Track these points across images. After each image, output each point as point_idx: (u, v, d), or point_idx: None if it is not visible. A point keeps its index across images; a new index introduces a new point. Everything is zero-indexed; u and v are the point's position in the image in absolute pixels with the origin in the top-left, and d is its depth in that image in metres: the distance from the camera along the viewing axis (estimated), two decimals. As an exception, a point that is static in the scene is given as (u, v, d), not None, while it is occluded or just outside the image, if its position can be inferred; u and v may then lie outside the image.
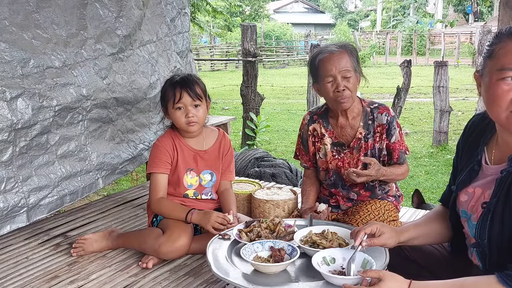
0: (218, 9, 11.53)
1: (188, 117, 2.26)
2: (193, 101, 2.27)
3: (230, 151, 2.51)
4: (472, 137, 1.53)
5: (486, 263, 1.41)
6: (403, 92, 5.94)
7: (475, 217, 1.41)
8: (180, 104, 2.26)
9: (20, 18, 2.38)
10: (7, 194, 2.26)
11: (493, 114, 1.30)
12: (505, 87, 1.22)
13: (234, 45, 24.01)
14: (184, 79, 2.30)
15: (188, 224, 2.26)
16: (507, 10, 3.34)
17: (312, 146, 2.41)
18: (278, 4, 41.66)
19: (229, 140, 2.52)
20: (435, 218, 1.67)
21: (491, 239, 1.34)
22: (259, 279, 1.67)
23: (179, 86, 2.27)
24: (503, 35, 1.26)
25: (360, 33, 28.51)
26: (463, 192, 1.50)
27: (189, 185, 2.39)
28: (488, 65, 1.29)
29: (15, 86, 2.30)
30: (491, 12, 26.69)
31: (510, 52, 1.22)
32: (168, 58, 3.49)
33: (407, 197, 4.45)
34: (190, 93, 2.26)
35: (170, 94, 2.27)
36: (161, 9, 3.45)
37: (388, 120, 2.24)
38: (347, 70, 2.14)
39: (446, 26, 18.15)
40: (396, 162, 2.27)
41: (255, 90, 6.42)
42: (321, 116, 2.37)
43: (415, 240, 1.62)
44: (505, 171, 1.32)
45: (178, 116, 2.28)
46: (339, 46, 2.19)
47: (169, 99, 2.28)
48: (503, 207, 1.31)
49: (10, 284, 2.08)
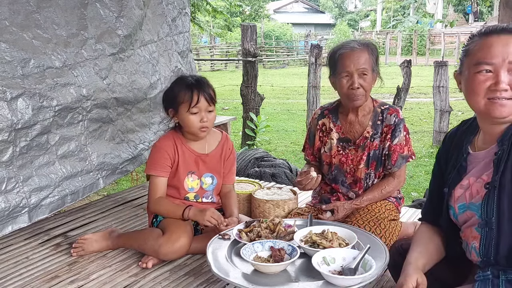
0: (218, 9, 11.50)
1: (203, 121, 2.22)
2: (208, 105, 2.23)
3: (232, 155, 2.48)
4: (454, 143, 1.62)
5: (490, 249, 1.41)
6: (403, 92, 5.94)
7: (478, 197, 1.45)
8: (197, 109, 2.20)
9: (20, 18, 2.38)
10: (8, 194, 2.26)
11: (474, 104, 1.43)
12: (481, 78, 1.39)
13: (234, 45, 24.01)
14: (200, 81, 2.24)
15: (188, 225, 2.26)
16: (507, 10, 3.35)
17: (318, 141, 2.42)
18: (278, 4, 41.65)
19: (231, 144, 2.50)
20: (429, 237, 1.66)
21: (500, 215, 1.38)
22: (259, 279, 1.67)
23: (196, 89, 2.20)
24: (475, 35, 1.45)
25: (360, 33, 28.49)
26: (457, 187, 1.53)
27: (190, 188, 2.38)
28: (465, 62, 1.46)
29: (16, 86, 2.30)
30: (491, 12, 26.68)
31: (482, 48, 1.39)
32: (169, 58, 3.49)
33: (407, 198, 4.46)
34: (207, 97, 2.21)
35: (186, 96, 2.20)
36: (162, 9, 3.45)
37: (396, 122, 2.25)
38: (364, 69, 2.15)
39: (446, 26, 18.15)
40: (394, 165, 2.28)
41: (255, 90, 6.43)
42: (332, 111, 2.39)
43: (426, 266, 1.60)
44: (500, 150, 1.40)
45: (192, 120, 2.22)
46: (361, 44, 2.21)
47: (183, 101, 2.20)
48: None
49: (10, 284, 2.08)
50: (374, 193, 2.30)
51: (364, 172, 2.30)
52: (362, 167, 2.30)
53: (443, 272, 1.61)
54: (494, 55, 1.36)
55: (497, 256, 1.39)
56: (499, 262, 1.39)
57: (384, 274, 1.97)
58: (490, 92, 1.37)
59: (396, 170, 2.30)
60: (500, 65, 1.36)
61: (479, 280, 1.38)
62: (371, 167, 2.30)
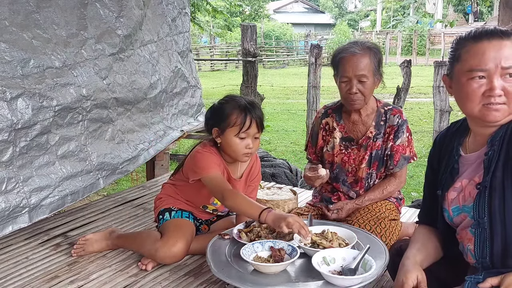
0: (218, 9, 11.51)
1: (249, 148, 2.13)
2: (257, 132, 2.14)
3: (258, 177, 2.39)
4: (445, 145, 1.63)
5: (485, 250, 1.41)
6: (403, 92, 5.93)
7: (470, 199, 1.46)
8: (245, 134, 2.11)
9: (20, 18, 2.38)
10: (8, 194, 2.26)
11: (468, 110, 1.45)
12: (475, 85, 1.39)
13: (234, 45, 24.00)
14: (253, 105, 2.14)
15: (188, 230, 2.24)
16: (507, 10, 3.35)
17: (321, 140, 2.42)
18: (278, 4, 41.65)
19: (259, 165, 2.41)
20: (427, 237, 1.66)
21: (491, 215, 1.39)
22: (259, 279, 1.67)
23: (249, 113, 2.10)
24: (464, 39, 1.44)
25: (360, 33, 28.50)
26: (451, 190, 1.54)
27: (213, 203, 2.34)
28: (456, 68, 1.45)
29: (15, 86, 2.30)
30: (491, 12, 26.67)
31: (475, 55, 1.39)
32: (169, 58, 3.49)
33: (407, 198, 4.47)
34: (258, 123, 2.12)
35: (239, 119, 2.09)
36: (162, 9, 3.45)
37: (399, 123, 2.26)
38: (363, 75, 2.14)
39: (446, 26, 18.16)
40: (395, 165, 2.28)
41: (255, 90, 6.42)
42: (335, 110, 2.40)
43: (424, 262, 1.60)
44: (491, 150, 1.41)
45: (238, 144, 2.12)
46: (363, 47, 2.18)
47: (234, 124, 2.09)
48: (503, 179, 1.37)
49: (10, 284, 2.08)
50: (375, 193, 2.30)
51: (366, 171, 2.31)
52: (363, 167, 2.30)
53: (442, 272, 1.61)
54: (487, 61, 1.37)
55: (492, 257, 1.39)
56: (494, 263, 1.39)
57: (384, 274, 1.97)
58: (485, 98, 1.38)
59: (398, 170, 2.30)
60: (494, 71, 1.36)
61: (469, 281, 1.38)
62: (373, 167, 2.30)
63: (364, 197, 2.30)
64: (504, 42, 1.37)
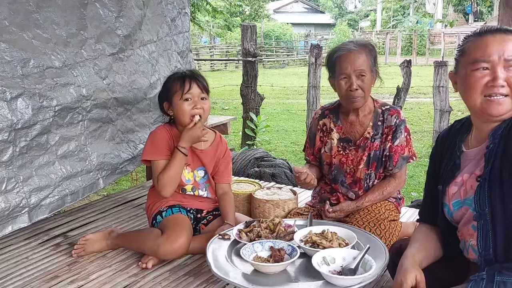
0: (218, 9, 11.52)
1: (196, 108, 2.25)
2: (201, 92, 2.27)
3: (226, 154, 2.50)
4: (447, 142, 1.64)
5: (488, 242, 1.41)
6: (403, 92, 5.93)
7: (472, 192, 1.47)
8: (189, 95, 2.24)
9: (20, 18, 2.38)
10: (8, 194, 2.26)
11: (470, 102, 1.46)
12: (479, 75, 1.42)
13: (234, 45, 24.00)
14: (191, 71, 2.32)
15: (187, 225, 2.26)
16: (507, 10, 3.35)
17: (319, 141, 2.42)
18: (278, 4, 41.63)
19: (225, 143, 2.51)
20: (427, 236, 1.66)
21: (493, 206, 1.39)
22: (259, 279, 1.67)
23: (188, 77, 2.27)
24: (470, 36, 1.50)
25: (360, 33, 28.51)
26: (451, 185, 1.55)
27: (186, 180, 2.40)
28: (462, 62, 1.49)
29: (15, 86, 2.30)
30: (491, 12, 26.67)
31: (478, 47, 1.44)
32: (169, 58, 3.48)
33: (407, 198, 4.46)
34: (199, 84, 2.27)
35: (178, 85, 2.25)
36: (161, 8, 3.44)
37: (397, 123, 2.25)
38: (362, 70, 2.15)
39: (446, 26, 18.18)
40: (395, 166, 2.28)
41: (255, 90, 6.42)
42: (333, 111, 2.39)
43: (424, 262, 1.60)
44: (492, 144, 1.43)
45: (185, 108, 2.24)
46: (358, 44, 2.20)
47: (176, 91, 2.25)
48: (501, 170, 1.39)
49: (10, 284, 2.08)
50: (375, 194, 2.30)
51: (364, 172, 2.30)
52: (362, 168, 2.29)
53: (442, 271, 1.61)
54: (491, 52, 1.40)
55: (496, 249, 1.39)
56: (497, 256, 1.39)
57: (384, 274, 1.96)
58: (487, 88, 1.41)
59: (397, 171, 2.30)
60: (497, 62, 1.40)
61: (473, 280, 1.38)
62: (371, 168, 2.30)
63: (364, 198, 2.30)
64: (508, 37, 1.41)
